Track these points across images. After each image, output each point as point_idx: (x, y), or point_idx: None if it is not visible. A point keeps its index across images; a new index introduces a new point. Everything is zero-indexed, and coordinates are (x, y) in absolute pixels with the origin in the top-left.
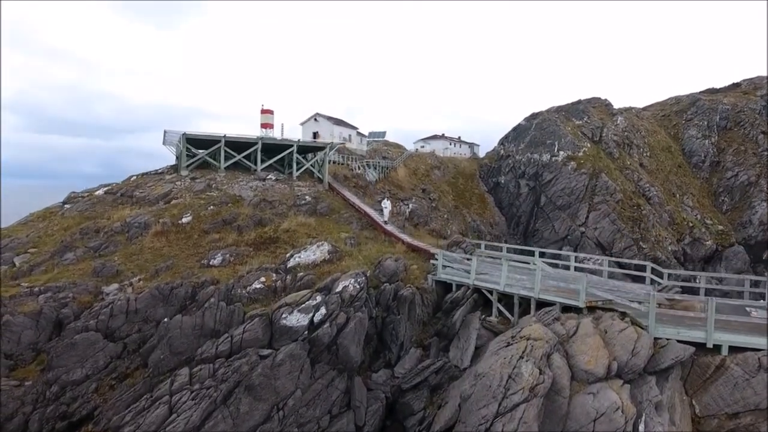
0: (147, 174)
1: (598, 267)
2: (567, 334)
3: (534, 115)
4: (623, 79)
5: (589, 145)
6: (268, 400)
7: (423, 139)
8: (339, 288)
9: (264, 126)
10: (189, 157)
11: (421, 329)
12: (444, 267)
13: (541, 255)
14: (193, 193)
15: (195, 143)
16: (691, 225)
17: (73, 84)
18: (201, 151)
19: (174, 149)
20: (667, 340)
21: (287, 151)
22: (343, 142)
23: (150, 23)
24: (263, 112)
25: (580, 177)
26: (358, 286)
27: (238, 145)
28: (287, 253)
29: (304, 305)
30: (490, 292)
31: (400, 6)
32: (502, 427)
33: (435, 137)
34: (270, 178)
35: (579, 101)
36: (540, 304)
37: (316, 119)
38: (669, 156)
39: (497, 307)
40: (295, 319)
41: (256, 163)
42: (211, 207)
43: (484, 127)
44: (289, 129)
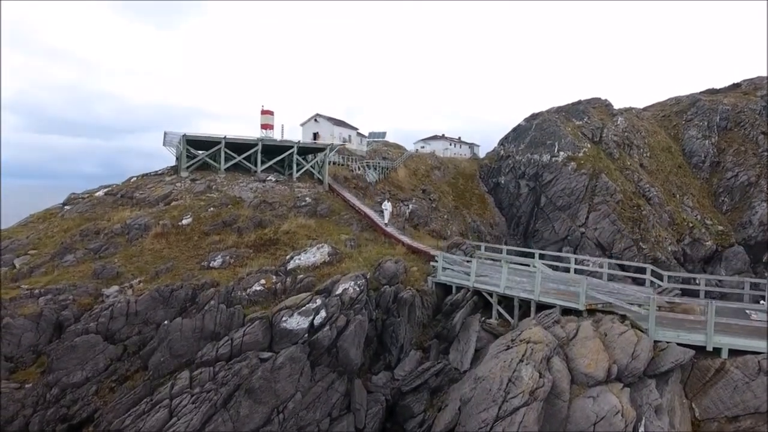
0: (147, 175)
1: (598, 269)
2: (567, 337)
3: (534, 116)
4: (623, 79)
5: (589, 145)
6: (269, 403)
7: (423, 140)
8: (339, 290)
9: (264, 127)
10: (189, 159)
11: (421, 331)
12: (444, 269)
13: (541, 257)
14: (194, 194)
15: (195, 144)
16: (691, 225)
17: (73, 84)
18: (201, 152)
19: (174, 150)
20: (667, 343)
21: (287, 152)
22: (343, 143)
23: (150, 23)
24: (263, 112)
25: (580, 177)
26: (358, 289)
27: (238, 146)
28: (287, 255)
29: (304, 308)
30: (490, 295)
31: (400, 6)
32: (503, 431)
33: (435, 138)
34: (270, 180)
35: (579, 102)
36: (540, 306)
37: (316, 120)
38: (669, 156)
39: (497, 310)
40: (296, 322)
41: (256, 165)
42: (211, 208)
43: (484, 127)
44: (289, 129)
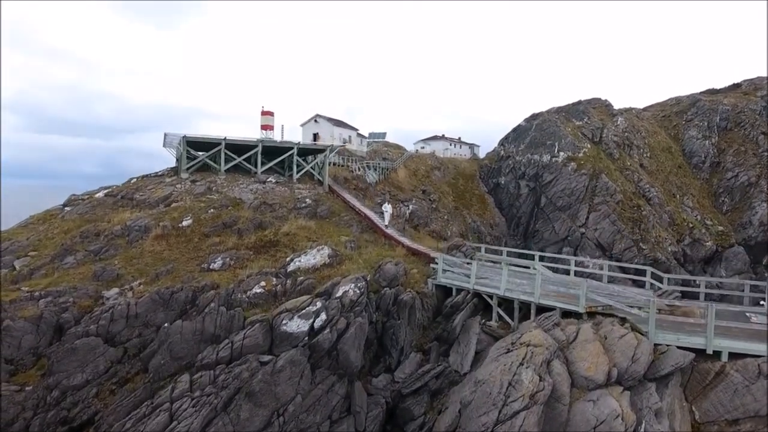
0: (147, 176)
1: (598, 271)
2: (567, 340)
3: (534, 116)
4: (623, 79)
5: (589, 145)
6: (269, 406)
7: (423, 140)
8: (339, 293)
9: (264, 127)
10: (189, 160)
11: (421, 334)
12: (444, 271)
13: (541, 258)
14: (194, 195)
15: (195, 146)
16: (691, 226)
17: (73, 84)
18: (201, 153)
19: (174, 152)
20: (667, 346)
21: (287, 153)
22: (343, 144)
23: (150, 23)
24: (263, 113)
25: (580, 178)
26: (358, 291)
27: (238, 147)
28: (287, 257)
29: (304, 311)
30: (491, 297)
31: (399, 6)
32: None
33: (435, 138)
34: (270, 181)
35: (579, 102)
36: (540, 309)
37: (316, 120)
38: (669, 157)
39: (497, 312)
40: (296, 324)
41: (256, 166)
42: (212, 210)
43: (485, 127)
44: (289, 130)
